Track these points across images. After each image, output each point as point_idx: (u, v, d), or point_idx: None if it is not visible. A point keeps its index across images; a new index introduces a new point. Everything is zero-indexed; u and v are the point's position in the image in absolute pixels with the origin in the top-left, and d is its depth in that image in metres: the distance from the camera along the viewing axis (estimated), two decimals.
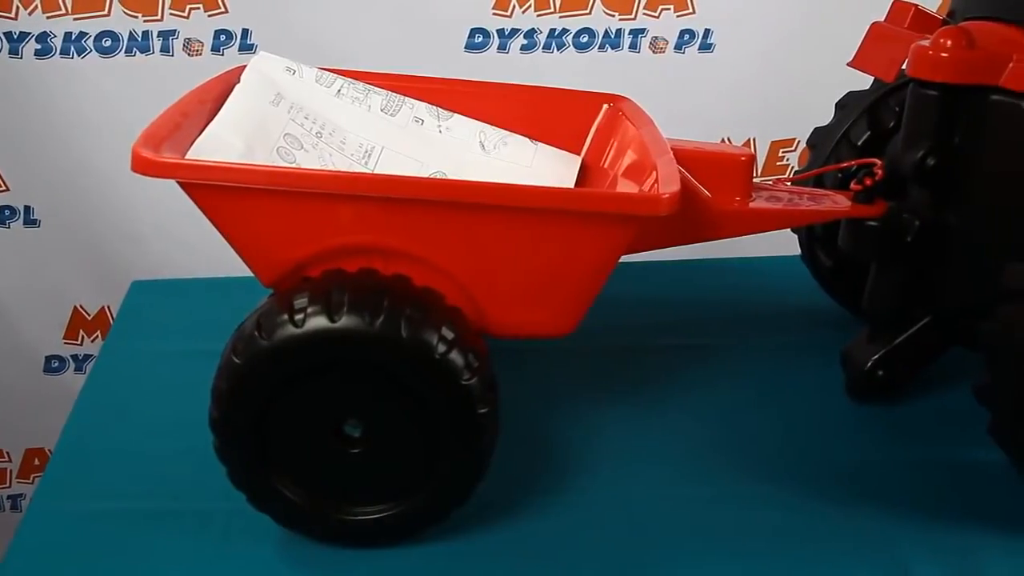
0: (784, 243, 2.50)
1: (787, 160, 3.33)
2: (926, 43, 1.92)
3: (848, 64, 2.29)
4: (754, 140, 3.28)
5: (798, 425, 2.10)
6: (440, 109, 2.10)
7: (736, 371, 2.28)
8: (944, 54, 1.88)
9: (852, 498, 1.89)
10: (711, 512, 1.84)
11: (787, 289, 2.58)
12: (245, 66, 1.99)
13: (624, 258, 1.85)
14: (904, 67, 1.98)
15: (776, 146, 3.30)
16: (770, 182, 2.16)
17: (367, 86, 2.08)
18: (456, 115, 2.11)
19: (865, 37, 2.26)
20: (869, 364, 2.11)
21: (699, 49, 3.12)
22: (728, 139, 3.24)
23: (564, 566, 1.73)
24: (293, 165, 1.85)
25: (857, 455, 2.01)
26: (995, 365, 1.77)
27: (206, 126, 1.78)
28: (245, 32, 2.92)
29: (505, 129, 2.13)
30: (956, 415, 2.06)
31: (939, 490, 1.92)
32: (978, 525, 1.83)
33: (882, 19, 2.25)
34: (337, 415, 1.64)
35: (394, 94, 2.08)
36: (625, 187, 1.94)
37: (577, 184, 2.06)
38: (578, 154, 2.13)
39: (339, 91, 2.04)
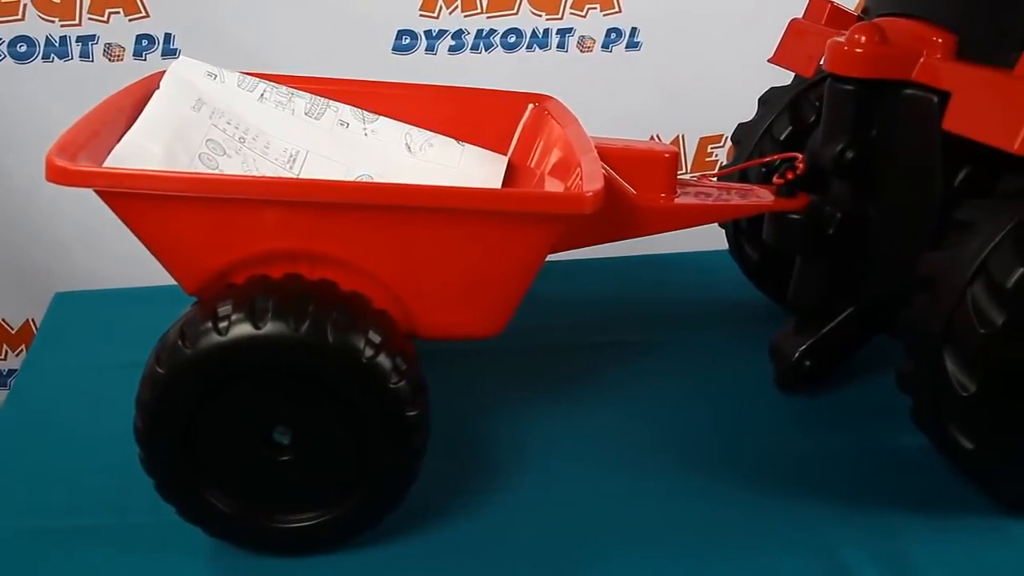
0: (712, 238, 2.55)
1: (716, 156, 3.38)
2: (841, 39, 1.97)
3: (769, 60, 2.34)
4: (683, 137, 3.33)
5: (729, 418, 2.13)
6: (365, 112, 2.10)
7: (667, 366, 2.30)
8: (858, 50, 1.93)
9: (783, 487, 1.92)
10: (645, 507, 1.86)
11: (716, 283, 2.63)
12: (164, 71, 1.97)
13: (553, 257, 1.86)
14: (822, 63, 2.04)
15: (705, 142, 3.35)
16: (695, 178, 2.20)
17: (291, 90, 2.07)
18: (381, 118, 2.11)
19: (784, 34, 2.32)
20: (796, 355, 2.16)
21: (626, 48, 3.16)
22: (658, 136, 3.28)
23: (500, 565, 1.73)
24: (216, 171, 1.84)
25: (787, 445, 2.05)
26: (913, 352, 1.82)
27: (125, 133, 1.76)
28: (168, 37, 2.88)
29: (432, 131, 2.14)
30: (881, 402, 2.11)
31: (865, 475, 1.97)
32: (902, 508, 1.88)
33: (801, 16, 2.30)
34: (265, 423, 1.63)
35: (318, 97, 2.08)
36: (551, 186, 1.96)
37: (504, 184, 2.07)
38: (505, 154, 2.14)
39: (262, 95, 2.03)
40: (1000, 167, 1.79)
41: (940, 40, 1.90)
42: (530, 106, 2.15)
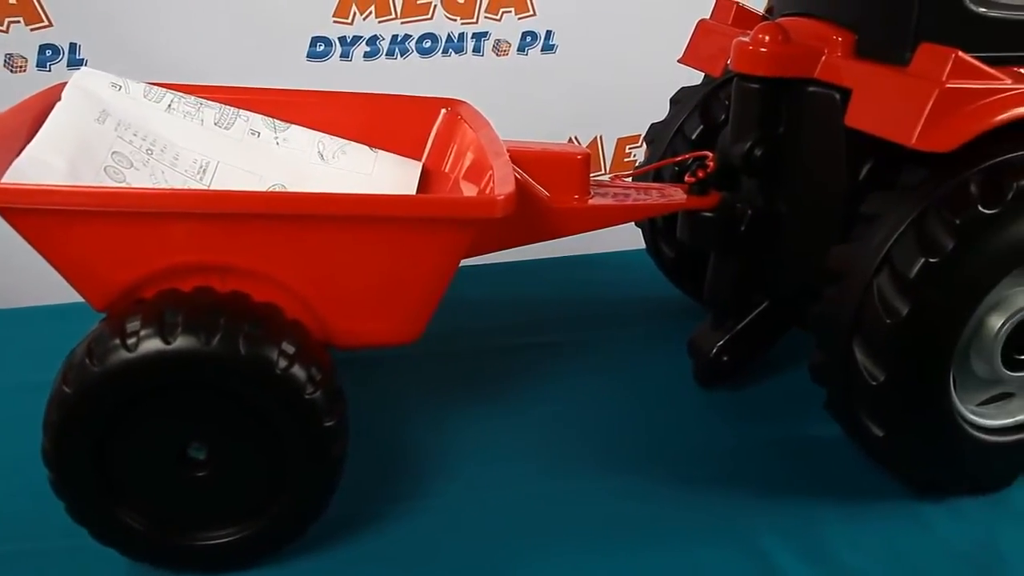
0: (630, 237, 2.58)
1: (634, 156, 3.41)
2: (746, 39, 2.01)
3: (678, 61, 2.38)
4: (601, 138, 3.35)
5: (654, 413, 2.16)
6: (276, 120, 2.08)
7: (590, 366, 2.33)
8: (763, 49, 1.97)
9: (705, 480, 1.96)
10: (573, 507, 1.87)
11: (634, 282, 2.66)
12: (66, 83, 1.93)
13: (471, 261, 1.88)
14: (729, 63, 2.08)
15: (623, 143, 3.38)
16: (608, 179, 2.22)
17: (199, 100, 2.04)
18: (293, 126, 2.09)
19: (693, 34, 2.35)
20: (714, 351, 2.19)
21: (542, 50, 3.17)
22: (576, 138, 3.30)
23: (429, 570, 1.73)
24: (123, 184, 1.80)
25: (709, 438, 2.09)
26: (824, 344, 1.87)
27: (25, 147, 1.72)
28: (73, 47, 2.82)
29: (345, 138, 2.12)
30: (797, 394, 2.15)
31: (784, 465, 2.01)
32: (820, 496, 1.92)
33: (709, 17, 2.34)
34: (180, 439, 1.61)
35: (228, 107, 2.05)
36: (466, 190, 1.97)
37: (419, 189, 2.07)
38: (419, 160, 2.14)
39: (169, 106, 2.00)
40: (901, 160, 1.84)
41: (840, 39, 1.94)
42: (443, 111, 2.16)
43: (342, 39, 2.95)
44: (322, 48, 2.94)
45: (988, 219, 1.72)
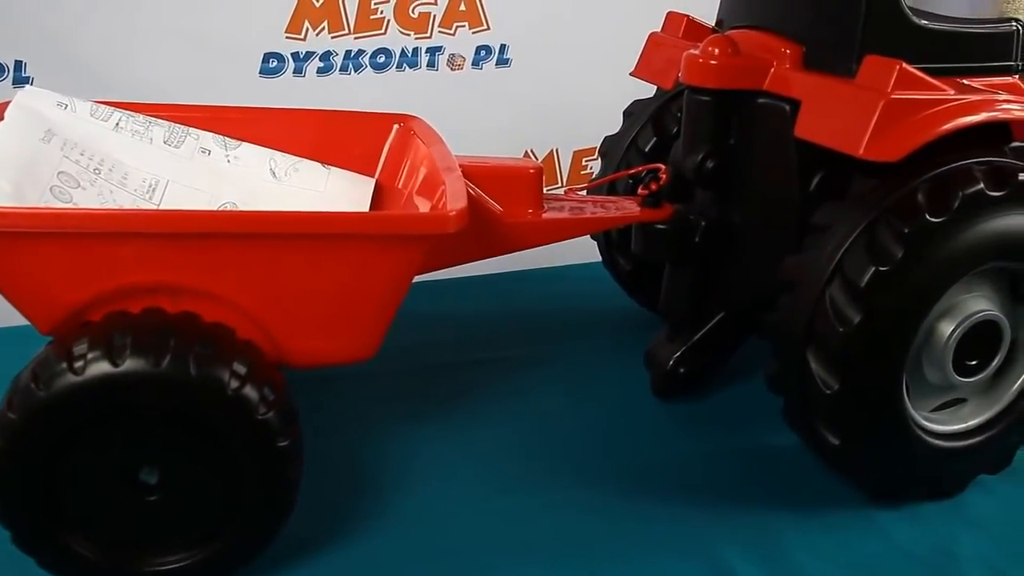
0: (586, 251, 2.59)
1: (590, 168, 3.42)
2: (696, 52, 2.03)
3: (631, 73, 2.40)
4: (557, 151, 3.35)
5: (612, 426, 2.17)
6: (227, 138, 2.07)
7: (546, 380, 2.33)
8: (712, 61, 2.00)
9: (664, 492, 1.97)
10: (531, 523, 1.87)
11: (590, 295, 2.67)
12: (9, 102, 1.90)
13: (425, 276, 1.87)
14: (680, 75, 2.10)
15: (579, 156, 3.39)
16: (563, 193, 2.23)
17: (148, 118, 2.02)
18: (244, 143, 2.08)
19: (644, 47, 2.37)
20: (671, 362, 2.21)
21: (496, 65, 3.17)
22: (532, 152, 3.30)
23: None
24: (70, 205, 1.78)
25: (667, 450, 2.10)
26: (780, 353, 1.88)
27: None
28: (19, 64, 2.77)
29: (298, 155, 2.11)
30: (754, 404, 2.17)
31: (742, 475, 2.03)
32: (778, 505, 1.94)
33: (659, 30, 2.37)
34: (130, 463, 1.59)
35: (177, 125, 2.04)
36: (419, 206, 1.97)
37: (372, 206, 2.06)
38: (372, 176, 2.14)
39: (117, 124, 1.98)
40: (851, 170, 1.86)
41: (788, 51, 1.97)
42: (395, 127, 2.16)
43: (295, 55, 2.92)
44: (275, 64, 2.92)
45: (935, 227, 1.75)
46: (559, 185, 3.27)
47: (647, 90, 2.48)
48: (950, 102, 1.81)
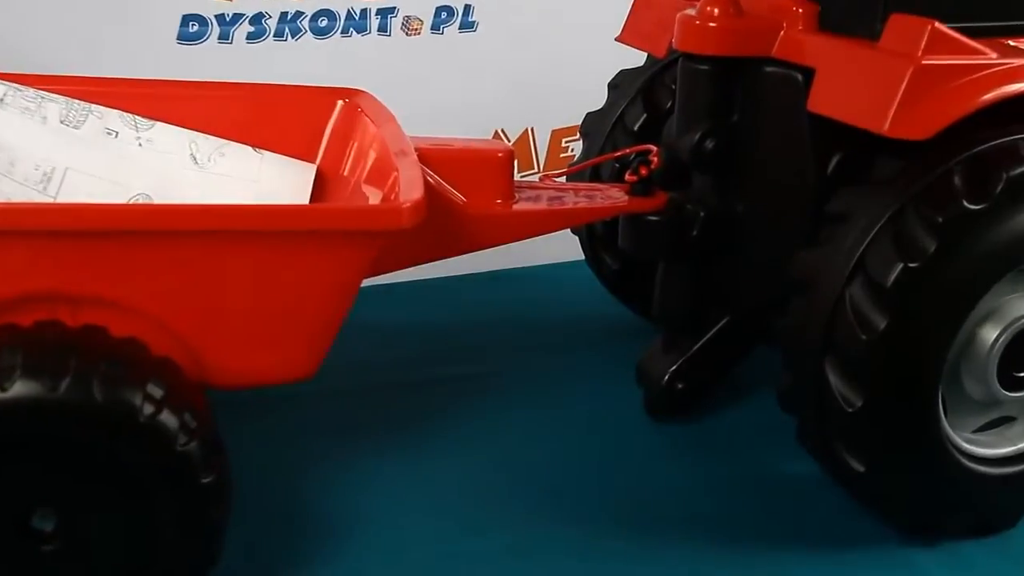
0: (566, 247, 2.59)
1: (572, 151, 3.42)
2: (692, 12, 2.03)
3: (617, 39, 2.39)
4: (532, 130, 3.35)
5: (593, 454, 2.17)
6: (138, 117, 2.05)
7: (520, 400, 2.33)
8: (711, 24, 1.99)
9: (661, 531, 1.97)
10: (507, 567, 1.87)
11: (572, 299, 2.67)
12: None
13: (376, 280, 1.87)
14: (673, 40, 2.09)
15: (558, 136, 3.38)
16: (537, 179, 2.23)
17: (40, 93, 2.00)
18: (159, 123, 2.06)
19: (632, 8, 2.37)
20: (667, 377, 2.20)
21: (460, 28, 3.16)
22: (503, 132, 3.29)
23: None
24: None
25: (660, 480, 2.10)
26: (793, 365, 1.88)
27: None
28: None
29: (223, 137, 2.10)
30: (764, 425, 2.17)
31: (751, 509, 2.03)
32: (795, 543, 1.94)
33: None
34: (21, 506, 1.57)
35: (77, 101, 2.01)
36: (369, 197, 1.96)
37: (314, 197, 2.05)
38: (313, 162, 2.13)
39: (2, 100, 1.95)
40: (873, 150, 1.86)
41: (801, 10, 1.97)
42: (339, 103, 2.15)
43: (220, 17, 2.90)
44: (196, 28, 2.89)
45: (975, 215, 1.75)
46: (535, 171, 3.26)
47: (636, 58, 2.48)
48: (992, 67, 1.81)
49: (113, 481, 1.56)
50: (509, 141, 3.24)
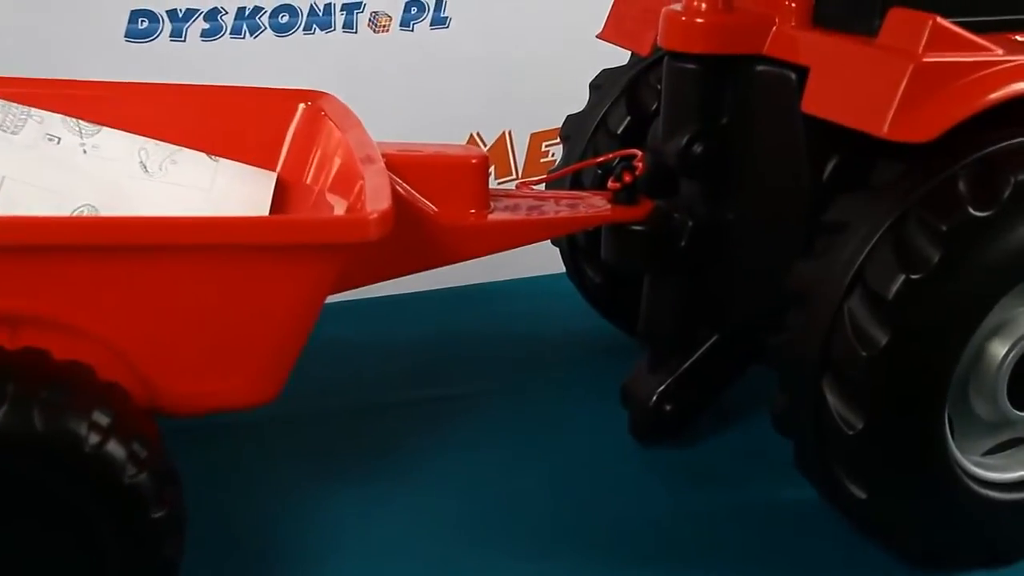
0: (545, 260, 2.59)
1: (553, 155, 3.43)
2: (678, 8, 2.03)
3: (598, 36, 2.40)
4: (510, 134, 3.35)
5: (580, 482, 2.17)
6: (83, 122, 2.04)
7: (499, 424, 2.33)
8: (699, 20, 2.00)
9: (649, 563, 1.97)
10: None
11: (553, 315, 2.68)
12: None
13: (343, 296, 1.87)
14: (658, 37, 2.10)
15: (537, 140, 3.39)
16: (514, 186, 2.23)
17: None
18: (105, 128, 2.05)
19: (614, 3, 2.38)
20: (654, 398, 2.20)
21: (431, 24, 3.17)
22: (479, 136, 3.30)
23: None
24: None
25: (648, 510, 2.10)
26: (789, 385, 1.88)
27: None
28: None
29: (176, 143, 2.09)
30: (759, 450, 2.18)
31: (745, 538, 2.03)
32: (791, 575, 1.94)
33: None
34: None
35: (14, 104, 2.00)
36: (334, 207, 1.95)
37: (274, 207, 2.05)
38: (273, 170, 2.12)
39: None
40: (872, 154, 1.87)
41: (794, 5, 1.98)
42: (301, 106, 2.15)
43: (172, 13, 2.89)
44: (145, 25, 2.89)
45: (982, 223, 1.75)
46: (512, 177, 3.27)
47: (619, 56, 2.48)
48: (998, 65, 1.82)
49: (56, 517, 1.54)
50: (485, 145, 3.24)
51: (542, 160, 3.38)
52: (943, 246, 1.74)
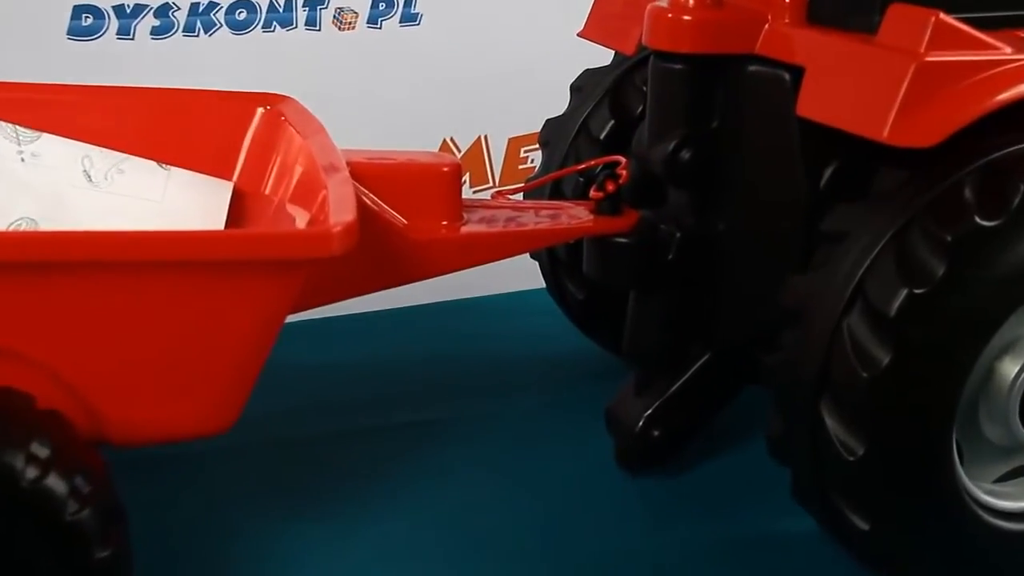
0: (524, 274, 2.59)
1: (532, 162, 3.43)
2: (664, 4, 2.03)
3: (579, 34, 2.40)
4: (486, 139, 3.36)
5: (561, 514, 2.16)
6: (21, 128, 2.03)
7: (476, 450, 2.32)
8: (686, 16, 2.00)
9: None
10: None
11: (531, 334, 2.68)
12: None
13: (305, 315, 1.87)
14: (643, 36, 2.10)
15: (516, 144, 3.40)
16: (490, 197, 2.23)
17: None
18: (46, 135, 2.05)
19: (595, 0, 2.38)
20: (641, 423, 2.19)
21: (401, 21, 3.17)
22: (452, 141, 3.30)
23: None
24: None
25: (634, 542, 2.10)
26: (785, 407, 1.88)
27: None
28: None
29: (124, 151, 2.09)
30: (753, 477, 2.17)
31: (739, 572, 2.03)
32: None
33: None
34: None
35: None
36: (295, 219, 1.95)
37: (230, 220, 2.05)
38: (229, 178, 2.12)
39: None
40: (873, 160, 1.87)
41: (788, 0, 1.98)
42: (260, 111, 2.15)
43: (119, 9, 2.89)
44: (90, 22, 2.88)
45: (989, 233, 1.75)
46: (488, 186, 3.27)
47: (603, 56, 2.48)
48: (1006, 64, 1.82)
49: None
50: (459, 151, 3.25)
51: (520, 167, 3.38)
52: (948, 258, 1.73)
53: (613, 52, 2.45)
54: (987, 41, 1.84)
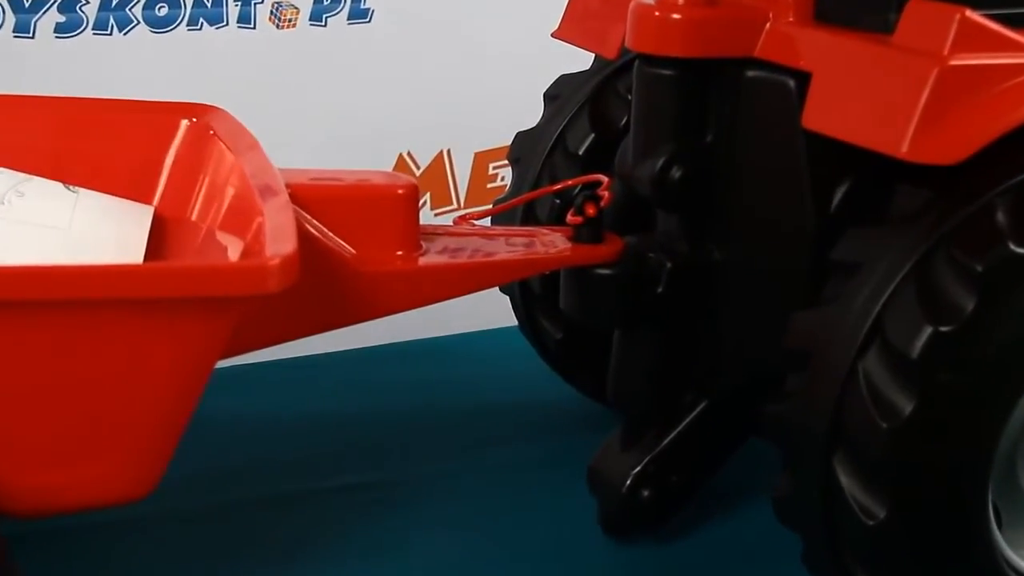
0: (494, 311, 2.60)
1: (502, 180, 3.44)
2: (651, 1, 2.04)
3: (553, 35, 2.41)
4: (449, 153, 3.37)
5: None
6: None
7: (437, 515, 2.32)
8: (676, 15, 2.01)
9: None
10: None
11: (502, 378, 2.69)
12: None
13: (237, 360, 1.87)
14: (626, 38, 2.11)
15: (483, 160, 3.40)
16: (452, 221, 2.23)
17: None
18: None
19: None
20: (628, 482, 2.19)
21: (349, 18, 3.18)
22: (409, 156, 3.31)
23: None
24: None
25: None
26: (793, 464, 1.89)
27: None
28: None
29: (24, 171, 2.09)
30: (759, 544, 2.18)
31: None
32: None
33: None
34: None
35: None
36: (226, 250, 1.95)
37: (150, 250, 2.05)
38: (148, 202, 2.13)
39: None
40: (890, 178, 1.89)
41: None
42: (184, 123, 2.16)
43: (16, 3, 2.90)
44: None
45: None
46: (452, 208, 3.28)
47: (581, 59, 2.50)
48: None
49: None
50: (418, 168, 3.26)
51: (489, 186, 3.40)
52: (979, 290, 1.74)
53: (593, 55, 2.46)
54: (1020, 41, 1.86)
